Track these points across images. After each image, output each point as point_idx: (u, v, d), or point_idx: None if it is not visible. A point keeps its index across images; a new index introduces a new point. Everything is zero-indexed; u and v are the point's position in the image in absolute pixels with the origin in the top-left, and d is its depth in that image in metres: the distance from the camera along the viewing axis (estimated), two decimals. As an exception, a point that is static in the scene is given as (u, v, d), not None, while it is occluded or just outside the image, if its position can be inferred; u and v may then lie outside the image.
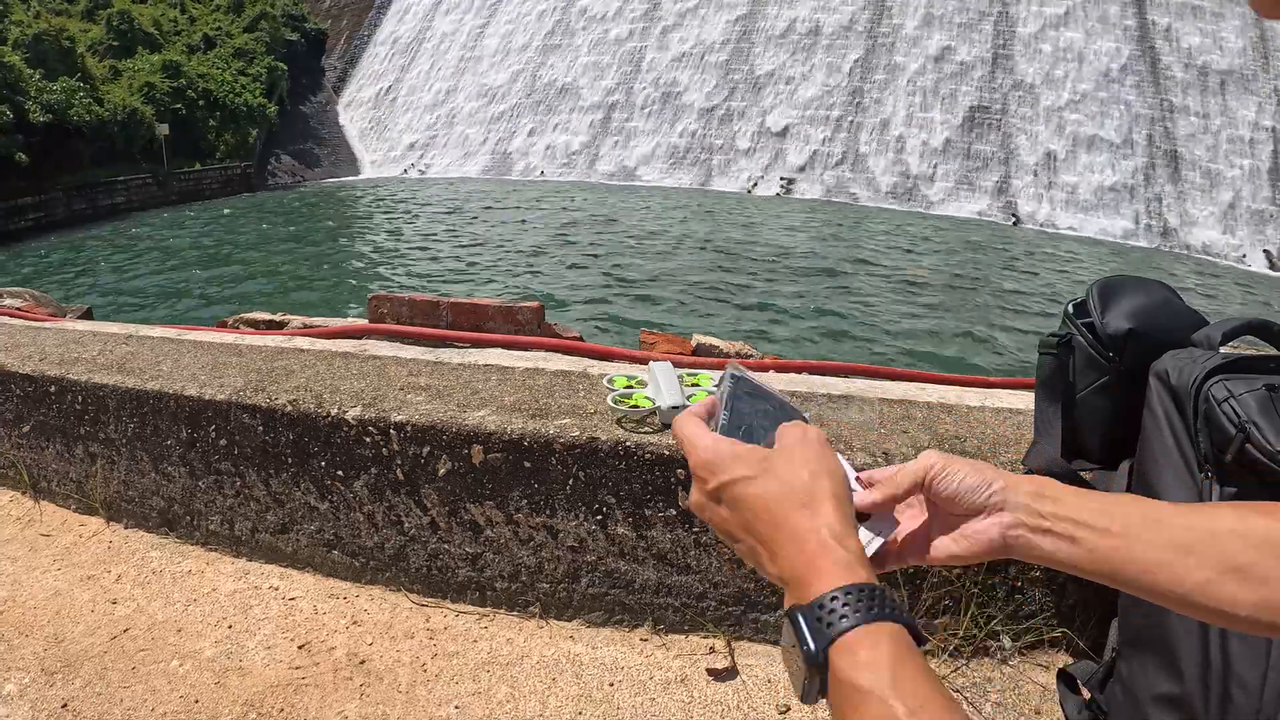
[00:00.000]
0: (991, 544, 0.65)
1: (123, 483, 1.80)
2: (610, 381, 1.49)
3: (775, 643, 1.34)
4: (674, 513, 1.33)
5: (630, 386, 1.46)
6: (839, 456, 0.65)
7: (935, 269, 18.91)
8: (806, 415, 0.71)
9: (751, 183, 39.02)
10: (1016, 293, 17.19)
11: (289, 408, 1.55)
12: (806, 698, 0.50)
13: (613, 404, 1.37)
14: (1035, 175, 35.15)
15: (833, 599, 0.50)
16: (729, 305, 14.23)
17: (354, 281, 17.53)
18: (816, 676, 0.49)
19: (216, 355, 1.90)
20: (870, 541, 0.65)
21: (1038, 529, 0.63)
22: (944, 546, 0.66)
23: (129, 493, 1.79)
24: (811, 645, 0.49)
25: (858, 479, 0.68)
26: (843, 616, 0.49)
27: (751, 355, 2.02)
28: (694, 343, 2.08)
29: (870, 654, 0.48)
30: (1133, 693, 1.00)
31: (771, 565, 0.56)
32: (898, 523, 0.68)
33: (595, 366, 1.79)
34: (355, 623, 1.46)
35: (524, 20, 48.18)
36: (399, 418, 1.46)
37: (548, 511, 1.39)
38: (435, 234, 23.30)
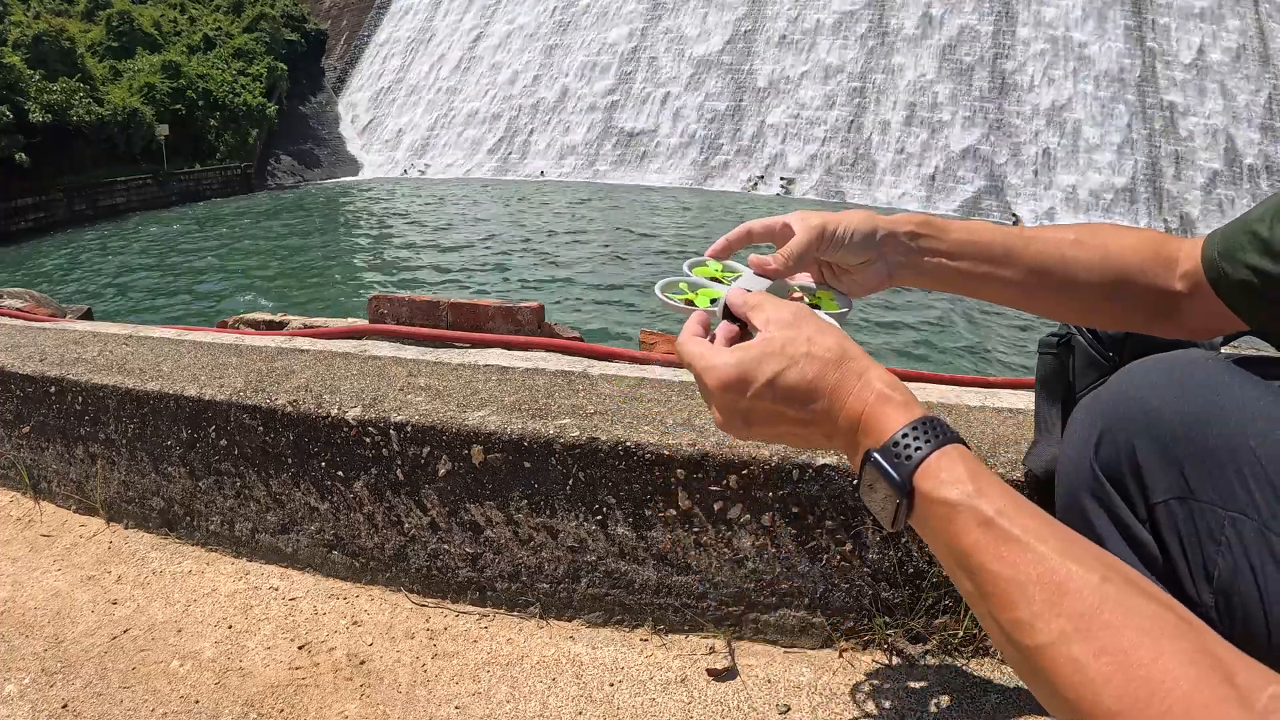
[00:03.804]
0: (882, 282, 0.83)
1: (123, 483, 1.80)
2: (690, 267, 0.95)
3: (775, 643, 1.34)
4: (674, 513, 1.33)
5: (717, 278, 0.94)
6: (738, 264, 0.79)
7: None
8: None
9: (751, 183, 39.01)
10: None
11: (289, 408, 1.55)
12: (896, 524, 0.58)
13: (663, 294, 0.87)
14: (1035, 175, 35.16)
15: (904, 435, 0.57)
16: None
17: (354, 281, 17.53)
18: (904, 503, 0.56)
19: (216, 355, 1.90)
20: (843, 307, 0.78)
21: (915, 265, 0.82)
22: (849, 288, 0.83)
23: (129, 493, 1.79)
24: (896, 476, 0.56)
25: (749, 264, 0.78)
26: (918, 448, 0.56)
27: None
28: (694, 343, 2.07)
29: (950, 473, 0.54)
30: None
31: (830, 431, 0.62)
32: (850, 299, 0.82)
33: (595, 367, 1.79)
34: (355, 623, 1.46)
35: (524, 21, 48.20)
36: (399, 418, 1.46)
37: (548, 512, 1.39)
38: (435, 234, 23.31)
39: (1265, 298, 0.74)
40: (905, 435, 0.57)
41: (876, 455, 0.57)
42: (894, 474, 0.56)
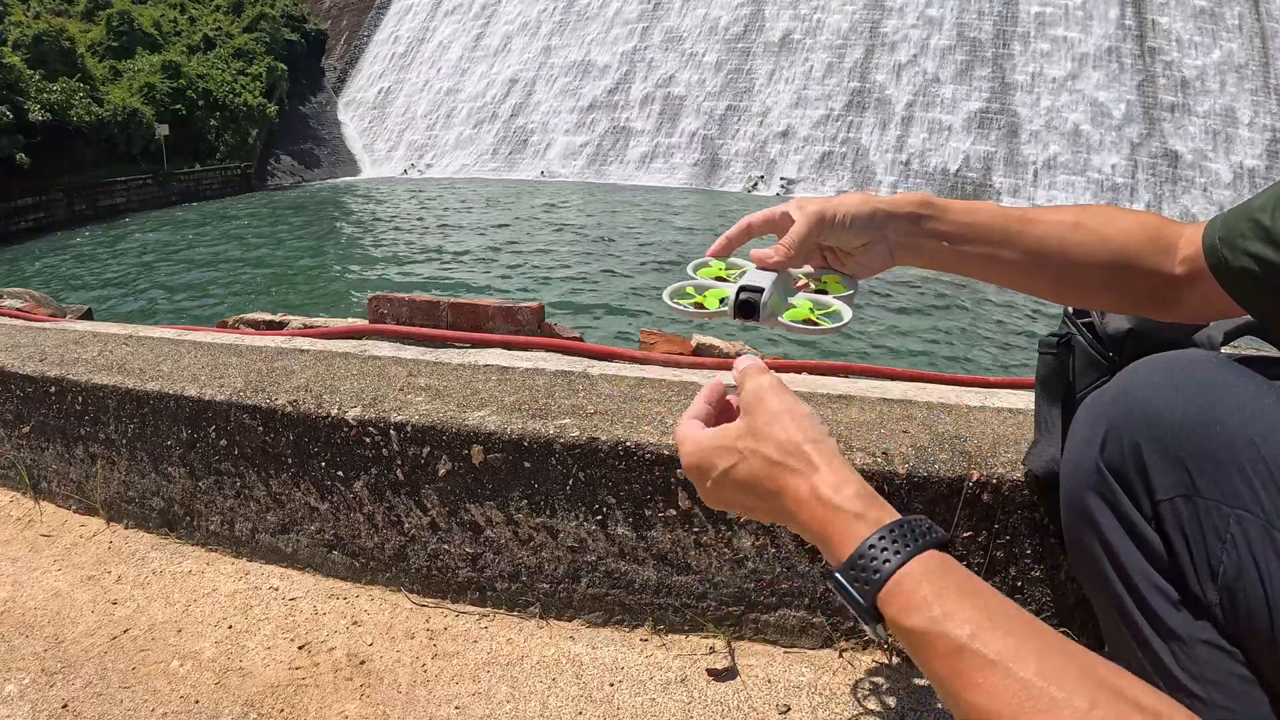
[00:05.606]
0: (884, 263, 0.83)
1: (123, 483, 1.80)
2: (693, 269, 0.94)
3: (775, 643, 1.34)
4: (674, 513, 1.33)
5: (722, 277, 0.90)
6: (742, 260, 0.79)
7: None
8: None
9: (751, 183, 39.00)
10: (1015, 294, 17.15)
11: (289, 408, 1.55)
12: (878, 637, 0.56)
13: (672, 300, 0.85)
14: (1035, 176, 35.15)
15: (869, 548, 0.53)
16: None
17: (354, 282, 17.53)
18: (879, 623, 0.53)
19: (216, 356, 1.90)
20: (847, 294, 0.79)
21: (915, 246, 0.81)
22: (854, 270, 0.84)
23: (129, 493, 1.79)
24: (862, 602, 0.52)
25: (752, 257, 0.79)
26: (881, 565, 0.52)
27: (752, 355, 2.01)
28: (694, 343, 2.08)
29: (914, 595, 0.50)
30: None
31: (798, 528, 0.60)
32: (856, 280, 0.82)
33: (595, 366, 1.79)
34: (355, 623, 1.46)
35: (524, 21, 48.20)
36: (399, 418, 1.46)
37: (548, 512, 1.39)
38: (435, 234, 23.30)
39: (1267, 285, 0.73)
40: (871, 548, 0.53)
41: (839, 576, 0.54)
42: (859, 599, 0.53)
